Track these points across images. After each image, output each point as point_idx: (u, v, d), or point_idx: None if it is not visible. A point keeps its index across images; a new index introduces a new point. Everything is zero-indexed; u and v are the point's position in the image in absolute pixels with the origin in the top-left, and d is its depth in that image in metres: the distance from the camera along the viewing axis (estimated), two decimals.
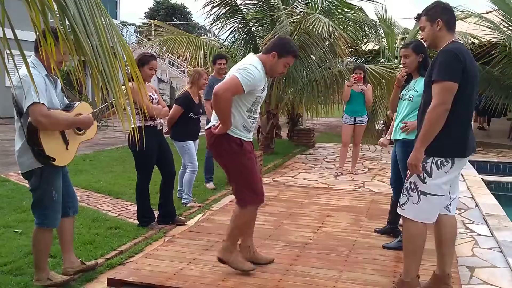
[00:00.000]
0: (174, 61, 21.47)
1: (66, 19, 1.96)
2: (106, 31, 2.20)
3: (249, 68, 3.27)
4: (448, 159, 2.90)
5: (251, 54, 3.54)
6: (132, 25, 28.43)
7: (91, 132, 3.49)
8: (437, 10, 2.99)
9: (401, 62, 4.05)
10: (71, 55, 2.05)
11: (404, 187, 3.06)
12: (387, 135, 5.00)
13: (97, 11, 2.15)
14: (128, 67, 2.30)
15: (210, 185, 6.62)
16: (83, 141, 3.45)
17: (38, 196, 3.25)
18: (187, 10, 39.41)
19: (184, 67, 20.76)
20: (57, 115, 3.16)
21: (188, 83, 5.79)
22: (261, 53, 3.50)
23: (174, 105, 5.50)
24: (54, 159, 3.12)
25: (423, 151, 2.90)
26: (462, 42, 3.03)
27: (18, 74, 2.70)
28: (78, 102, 3.41)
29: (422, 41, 4.30)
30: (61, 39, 1.93)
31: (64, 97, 3.40)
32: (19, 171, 3.32)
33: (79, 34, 2.00)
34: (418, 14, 3.19)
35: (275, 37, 3.59)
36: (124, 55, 2.30)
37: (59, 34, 1.93)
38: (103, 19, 2.19)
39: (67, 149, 3.25)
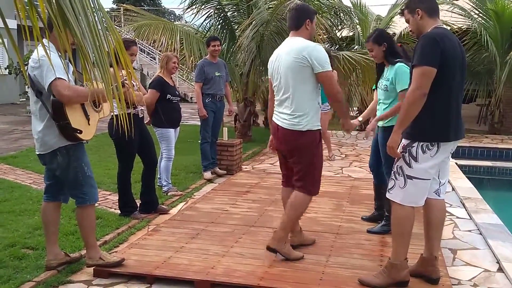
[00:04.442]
0: (145, 47, 21.05)
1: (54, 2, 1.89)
2: (95, 14, 2.13)
3: (321, 49, 3.33)
4: (433, 143, 2.93)
5: (296, 38, 3.43)
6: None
7: (106, 109, 3.53)
8: (415, 0, 3.02)
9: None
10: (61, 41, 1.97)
11: (392, 172, 3.10)
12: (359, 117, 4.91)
13: None
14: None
15: (207, 175, 6.36)
16: (100, 118, 3.47)
17: (72, 176, 3.27)
18: None
19: (154, 53, 20.39)
20: (78, 87, 3.23)
21: (159, 68, 5.70)
22: (294, 30, 3.46)
23: (149, 90, 5.40)
24: (80, 131, 3.17)
25: (401, 133, 2.95)
26: (445, 27, 3.05)
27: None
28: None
29: (382, 30, 4.34)
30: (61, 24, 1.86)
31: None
32: None
33: (69, 17, 1.93)
34: (401, 9, 3.23)
35: (293, 10, 3.53)
36: (113, 40, 2.24)
37: (51, 17, 1.84)
38: (91, 4, 2.11)
39: (89, 124, 3.30)
